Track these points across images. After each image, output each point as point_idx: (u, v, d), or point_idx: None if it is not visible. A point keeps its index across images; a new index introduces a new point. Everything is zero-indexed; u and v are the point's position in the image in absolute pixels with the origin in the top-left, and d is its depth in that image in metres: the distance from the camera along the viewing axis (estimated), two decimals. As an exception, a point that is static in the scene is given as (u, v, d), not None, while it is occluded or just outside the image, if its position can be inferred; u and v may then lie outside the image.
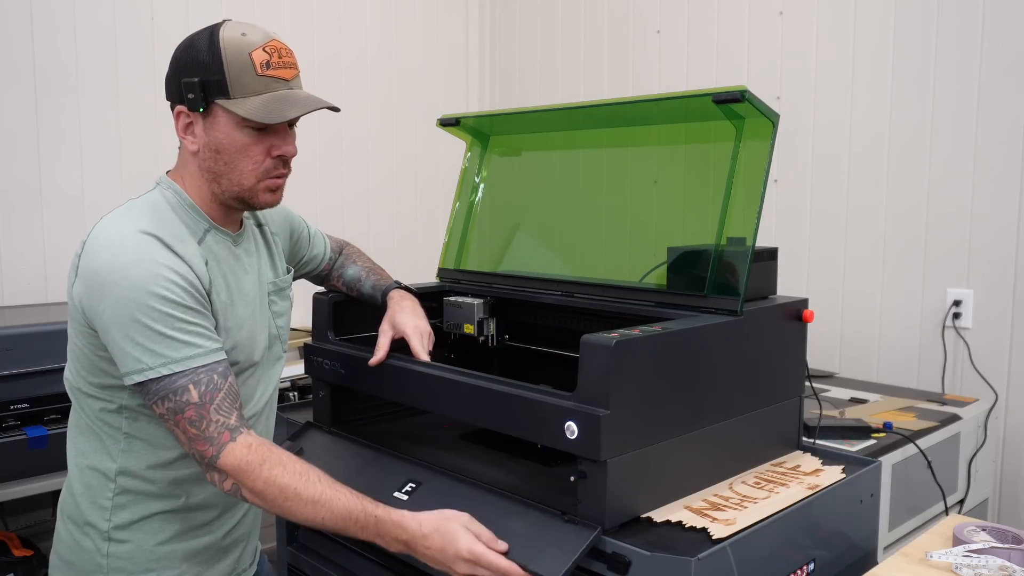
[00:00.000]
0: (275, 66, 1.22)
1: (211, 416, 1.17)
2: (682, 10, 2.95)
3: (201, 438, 1.17)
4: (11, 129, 2.50)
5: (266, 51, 1.22)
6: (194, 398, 1.16)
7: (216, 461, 1.17)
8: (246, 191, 1.27)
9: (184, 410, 1.16)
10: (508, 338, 1.79)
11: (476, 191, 1.97)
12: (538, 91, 3.52)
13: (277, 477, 1.18)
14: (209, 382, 1.18)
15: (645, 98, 1.67)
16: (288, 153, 1.27)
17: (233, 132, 1.23)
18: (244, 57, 1.21)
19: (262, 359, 1.37)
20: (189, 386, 1.16)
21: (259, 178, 1.26)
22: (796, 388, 1.53)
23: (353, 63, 3.32)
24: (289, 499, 1.18)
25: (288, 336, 1.47)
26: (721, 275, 1.43)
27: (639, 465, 1.21)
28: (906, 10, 2.41)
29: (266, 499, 1.18)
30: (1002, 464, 2.29)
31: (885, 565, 1.27)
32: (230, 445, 1.17)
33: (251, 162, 1.25)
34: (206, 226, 1.29)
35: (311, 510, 1.18)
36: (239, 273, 1.33)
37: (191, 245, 1.24)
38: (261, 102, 1.21)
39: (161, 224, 1.22)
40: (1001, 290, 2.28)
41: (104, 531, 1.28)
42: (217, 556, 1.37)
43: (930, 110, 2.37)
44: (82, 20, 2.61)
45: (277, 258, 1.47)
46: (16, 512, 2.40)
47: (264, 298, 1.39)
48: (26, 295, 2.53)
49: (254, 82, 1.21)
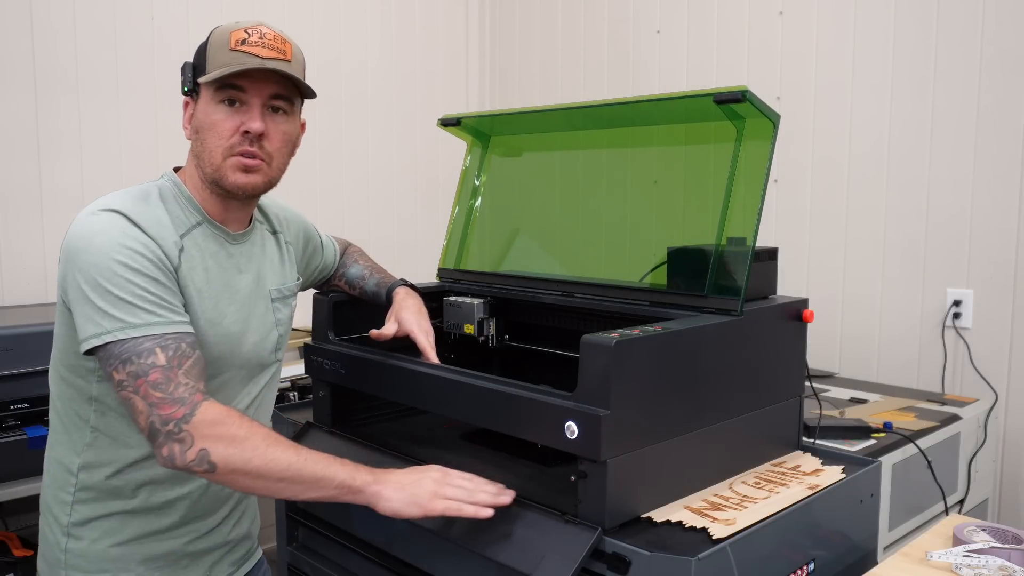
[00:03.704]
0: (252, 44, 1.23)
1: (179, 379, 1.13)
2: (682, 10, 2.95)
3: (168, 400, 1.11)
4: (11, 129, 2.50)
5: (247, 31, 1.24)
6: (160, 361, 1.12)
7: (188, 421, 1.11)
8: (216, 170, 1.25)
9: (148, 373, 1.11)
10: (508, 338, 1.79)
11: (476, 191, 1.97)
12: (538, 91, 3.52)
13: (255, 428, 1.15)
14: (177, 348, 1.14)
15: (645, 98, 1.67)
16: (252, 128, 1.24)
17: (208, 108, 1.24)
18: (224, 37, 1.24)
19: (249, 362, 1.35)
20: (156, 349, 1.13)
21: (224, 154, 1.25)
22: (796, 388, 1.53)
23: (353, 66, 3.32)
24: (272, 444, 1.14)
25: (285, 345, 1.46)
26: (721, 275, 1.43)
27: (639, 465, 1.21)
28: (906, 10, 2.41)
29: (246, 446, 1.12)
30: (1002, 464, 2.29)
31: (885, 565, 1.28)
32: (204, 403, 1.13)
33: (218, 137, 1.24)
34: (198, 219, 1.29)
35: (294, 452, 1.15)
36: (231, 270, 1.32)
37: (167, 231, 1.23)
38: (222, 68, 1.21)
39: (141, 209, 1.22)
40: (1001, 290, 2.28)
41: (64, 525, 1.27)
42: (181, 562, 1.33)
43: (930, 110, 2.37)
44: (82, 20, 2.61)
45: (288, 266, 1.47)
46: (16, 512, 2.40)
47: (265, 302, 1.39)
48: (26, 295, 2.53)
49: (225, 56, 1.22)
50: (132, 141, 2.72)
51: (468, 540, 1.27)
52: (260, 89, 1.25)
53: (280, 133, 1.29)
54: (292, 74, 1.26)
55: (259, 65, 1.22)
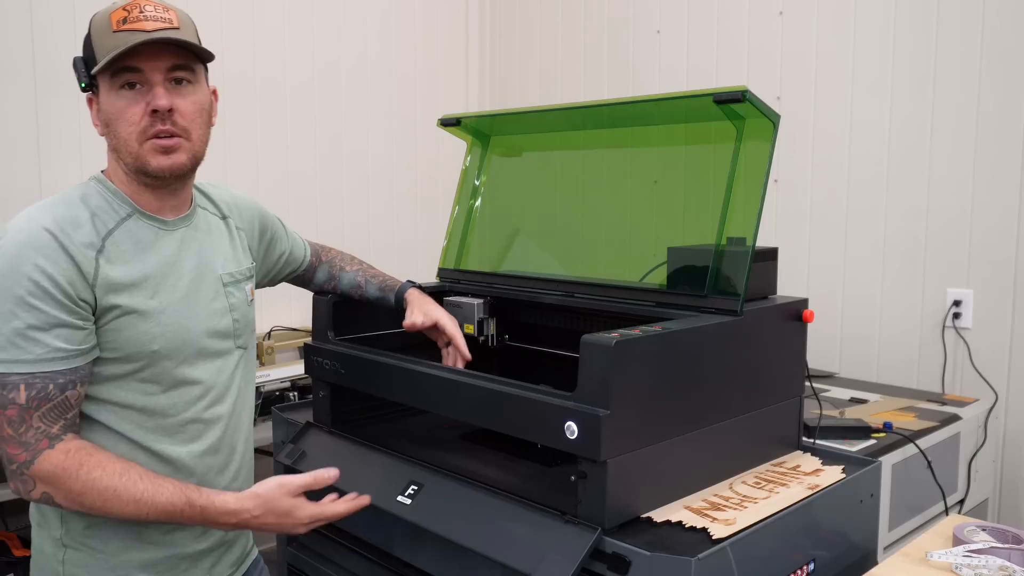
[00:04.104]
0: (133, 20, 1.18)
1: (33, 423, 1.14)
2: (682, 10, 2.95)
3: (16, 441, 1.14)
4: (11, 129, 2.50)
5: (125, 9, 1.19)
6: (21, 399, 1.14)
7: (28, 467, 1.15)
8: (136, 158, 1.22)
9: (6, 407, 1.13)
10: (508, 338, 1.79)
11: (476, 191, 1.97)
12: (538, 92, 3.52)
13: (96, 480, 1.16)
14: (43, 389, 1.14)
15: (645, 98, 1.67)
16: (159, 106, 1.19)
17: (110, 99, 1.21)
18: (104, 21, 1.20)
19: (205, 349, 1.31)
20: (21, 385, 1.14)
21: (139, 140, 1.21)
22: (796, 388, 1.53)
23: (353, 66, 3.32)
24: (109, 501, 1.16)
25: (249, 332, 1.42)
26: (721, 275, 1.43)
27: (639, 465, 1.21)
28: (906, 10, 2.41)
29: (85, 503, 1.16)
30: (1002, 464, 2.29)
31: (885, 565, 1.28)
32: (47, 452, 1.15)
33: (127, 124, 1.21)
34: (127, 211, 1.25)
35: (134, 508, 1.17)
36: (172, 258, 1.28)
37: (85, 234, 1.19)
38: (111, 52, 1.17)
39: (60, 215, 1.19)
40: (1001, 290, 2.28)
41: (57, 538, 1.26)
42: (181, 566, 1.32)
43: (930, 109, 2.37)
44: (82, 20, 2.60)
45: (240, 251, 1.43)
46: (16, 512, 2.41)
47: (215, 285, 1.34)
48: (26, 295, 2.53)
49: (110, 40, 1.18)
50: (132, 141, 2.72)
51: (468, 540, 1.27)
52: (156, 64, 1.20)
53: (189, 104, 1.24)
54: (184, 39, 1.20)
55: (146, 39, 1.17)
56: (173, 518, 1.20)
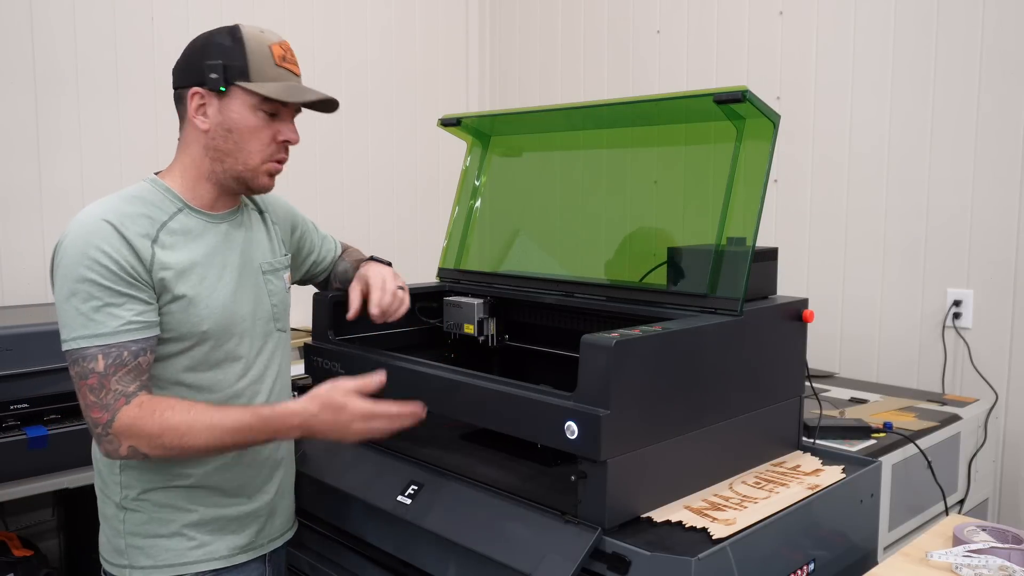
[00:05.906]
0: (289, 61, 1.39)
1: (111, 386, 1.25)
2: (682, 10, 2.95)
3: (98, 405, 1.25)
4: (11, 129, 2.50)
5: (282, 47, 1.39)
6: (99, 367, 1.25)
7: (111, 426, 1.24)
8: (249, 171, 1.37)
9: (87, 377, 1.25)
10: (508, 338, 1.79)
11: (477, 191, 1.97)
12: (538, 92, 3.52)
13: (168, 419, 1.25)
14: (118, 356, 1.26)
15: (645, 98, 1.67)
16: (292, 140, 1.40)
17: (247, 113, 1.35)
18: (264, 48, 1.36)
19: (251, 329, 1.43)
20: (99, 356, 1.25)
21: (264, 160, 1.38)
22: (796, 388, 1.53)
23: (353, 65, 3.32)
24: (185, 435, 1.25)
25: (286, 317, 1.53)
26: (721, 275, 1.43)
27: (639, 465, 1.21)
28: (906, 10, 2.41)
29: (164, 443, 1.25)
30: (1002, 464, 2.29)
31: (885, 565, 1.28)
32: (124, 408, 1.25)
33: (259, 143, 1.36)
34: (178, 206, 1.37)
35: (207, 436, 1.26)
36: (220, 247, 1.40)
37: (143, 226, 1.31)
38: (281, 86, 1.35)
39: (121, 209, 1.31)
40: (1001, 290, 2.28)
41: (117, 502, 1.38)
42: (228, 527, 1.41)
43: (930, 109, 2.37)
44: (81, 20, 2.61)
45: (276, 243, 1.54)
46: (16, 512, 2.41)
47: (256, 275, 1.46)
48: (26, 295, 2.53)
49: (272, 70, 1.35)
50: (132, 141, 2.72)
51: (468, 540, 1.27)
52: (295, 105, 1.39)
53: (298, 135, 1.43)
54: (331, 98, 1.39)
55: (316, 98, 1.37)
56: (245, 436, 1.28)
